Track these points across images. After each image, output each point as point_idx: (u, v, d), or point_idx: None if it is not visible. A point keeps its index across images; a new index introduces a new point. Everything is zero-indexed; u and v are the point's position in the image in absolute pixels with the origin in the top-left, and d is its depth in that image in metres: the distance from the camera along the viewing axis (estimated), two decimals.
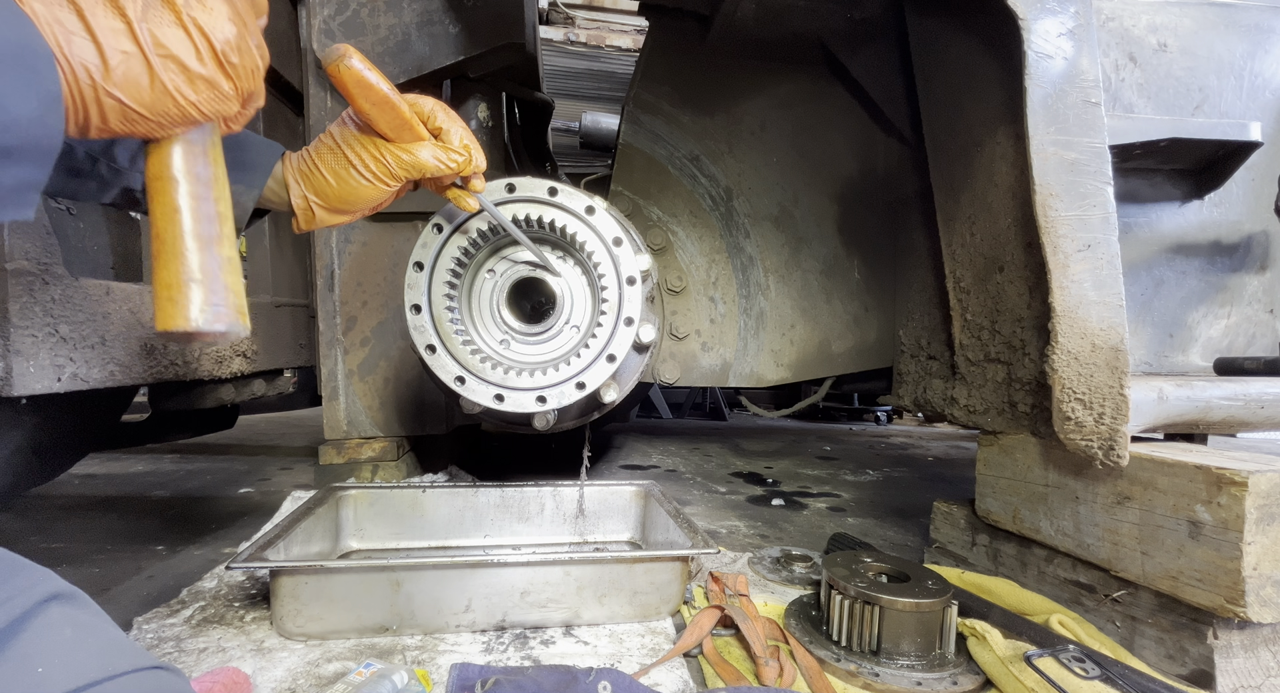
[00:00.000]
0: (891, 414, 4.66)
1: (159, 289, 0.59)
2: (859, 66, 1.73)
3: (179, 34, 0.53)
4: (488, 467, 2.49)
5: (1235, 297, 1.42)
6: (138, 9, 0.51)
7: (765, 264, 1.99)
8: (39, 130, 0.47)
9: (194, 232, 0.60)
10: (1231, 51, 1.36)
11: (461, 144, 0.90)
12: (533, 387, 1.16)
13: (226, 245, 0.63)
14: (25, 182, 0.48)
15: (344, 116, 0.86)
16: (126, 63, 0.51)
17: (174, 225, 0.60)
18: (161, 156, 0.60)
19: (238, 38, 0.57)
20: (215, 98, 0.57)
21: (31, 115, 0.46)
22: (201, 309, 0.59)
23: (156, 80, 0.52)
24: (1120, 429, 1.04)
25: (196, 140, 0.61)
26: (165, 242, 0.59)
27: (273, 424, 3.56)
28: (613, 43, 4.20)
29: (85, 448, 1.52)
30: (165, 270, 0.59)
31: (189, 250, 0.60)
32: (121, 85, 0.51)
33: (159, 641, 1.06)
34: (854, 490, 2.39)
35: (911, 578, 1.10)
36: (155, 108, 0.53)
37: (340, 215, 0.88)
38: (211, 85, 0.56)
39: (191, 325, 0.59)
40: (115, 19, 0.50)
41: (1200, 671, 0.95)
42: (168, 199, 0.60)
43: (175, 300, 0.59)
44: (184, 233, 0.60)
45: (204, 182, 0.61)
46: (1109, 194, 1.09)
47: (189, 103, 0.55)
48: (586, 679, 0.90)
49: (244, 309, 0.64)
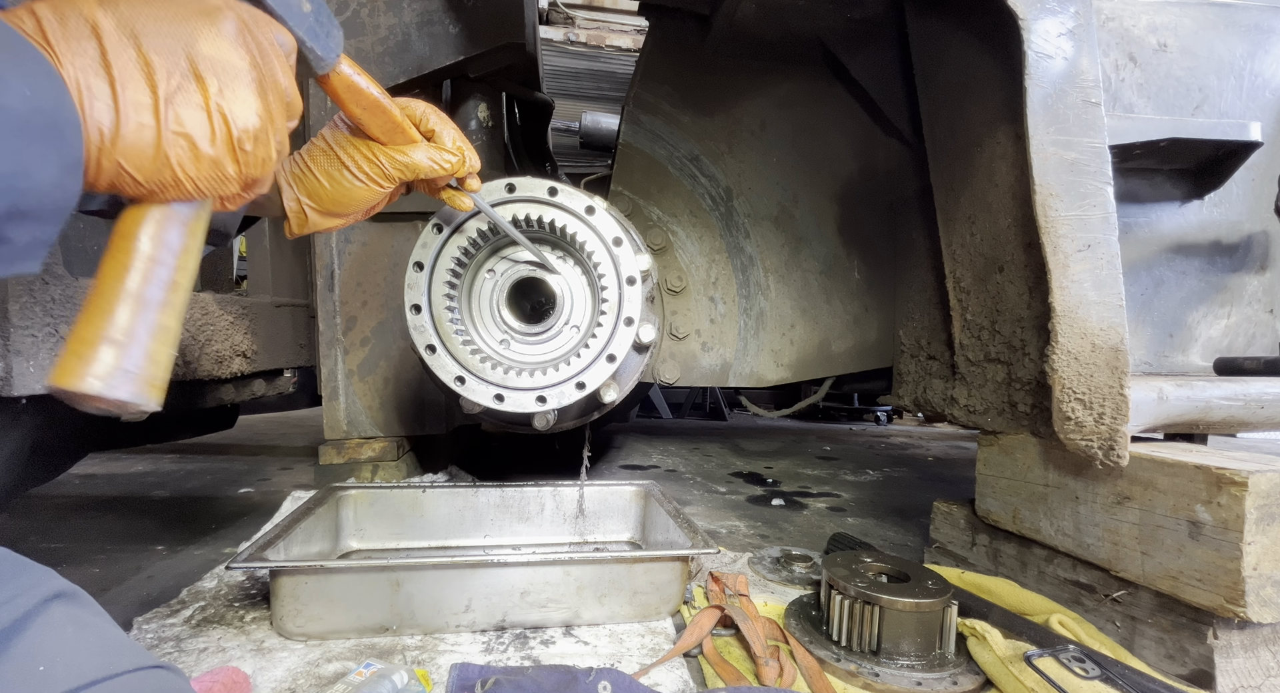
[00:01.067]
0: (891, 414, 4.66)
1: (70, 342, 0.55)
2: (859, 66, 1.73)
3: (200, 116, 0.54)
4: (488, 467, 2.49)
5: (1235, 297, 1.42)
6: (169, 87, 0.52)
7: (765, 264, 1.99)
8: (58, 193, 0.48)
9: (136, 293, 0.56)
10: (1231, 51, 1.36)
11: (455, 145, 0.90)
12: (533, 387, 1.17)
13: (168, 315, 0.58)
14: (38, 239, 0.49)
15: (335, 119, 0.85)
16: (139, 132, 0.51)
17: (115, 282, 0.56)
18: (135, 215, 0.57)
19: (258, 130, 0.57)
20: (216, 178, 0.57)
21: (53, 180, 0.47)
22: (104, 373, 0.54)
23: (161, 152, 0.53)
24: (1120, 429, 1.04)
25: (180, 210, 0.58)
26: (99, 295, 0.56)
27: (273, 424, 3.56)
28: (613, 43, 4.20)
29: (85, 448, 1.52)
30: (85, 324, 0.55)
31: (119, 310, 0.55)
32: (125, 151, 0.51)
33: (159, 641, 1.06)
34: (854, 490, 2.39)
35: (911, 578, 1.10)
36: (152, 177, 0.53)
37: (333, 219, 0.88)
38: (216, 166, 0.56)
39: (82, 387, 0.53)
40: (145, 94, 0.51)
41: (1200, 671, 0.95)
42: (121, 257, 0.56)
43: (80, 356, 0.54)
44: (122, 292, 0.55)
45: (170, 249, 0.58)
46: (1109, 194, 1.09)
47: (187, 177, 0.55)
48: (586, 679, 0.90)
49: (159, 384, 0.58)
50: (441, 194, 0.99)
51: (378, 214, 0.98)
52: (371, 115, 0.81)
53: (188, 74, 0.54)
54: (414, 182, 0.93)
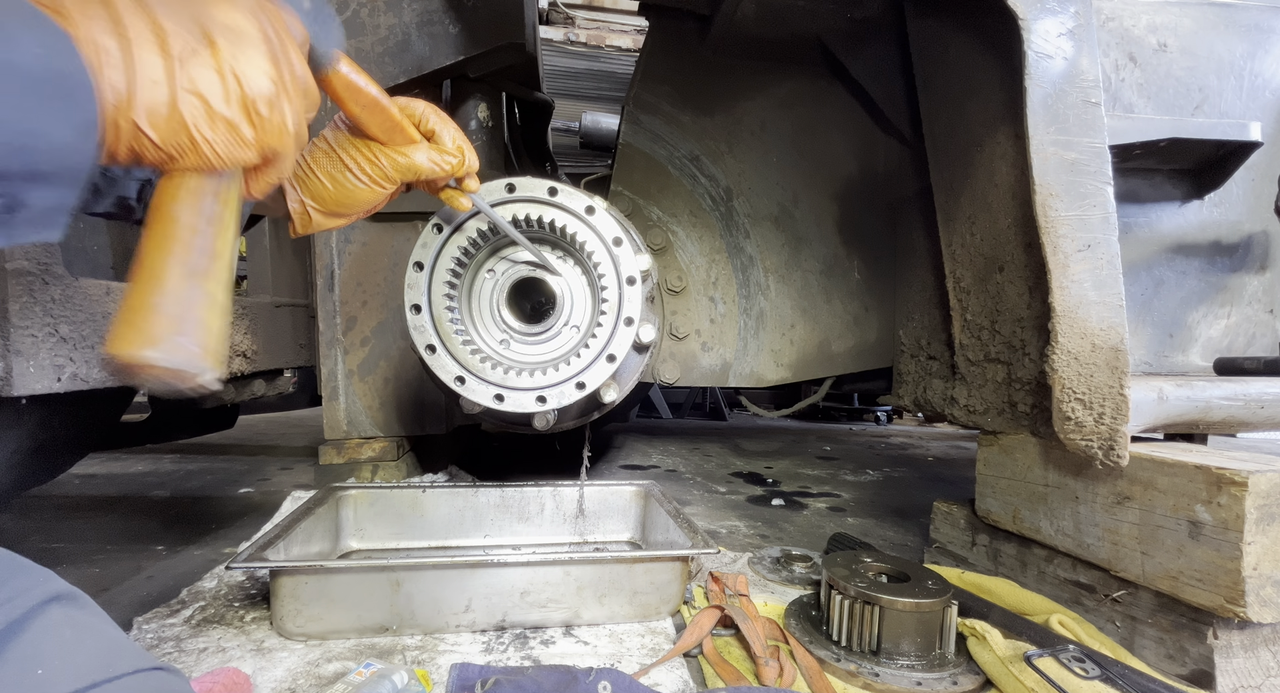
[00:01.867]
0: (891, 414, 4.66)
1: (121, 312, 0.55)
2: (859, 67, 1.73)
3: (213, 77, 0.54)
4: (488, 467, 2.49)
5: (1235, 297, 1.42)
6: (182, 49, 0.52)
7: (765, 264, 1.99)
8: (75, 157, 0.48)
9: (181, 260, 0.56)
10: (1231, 51, 1.36)
11: (455, 145, 0.90)
12: (533, 387, 1.16)
13: (215, 283, 0.58)
14: (57, 204, 0.49)
15: (336, 120, 0.86)
16: (152, 91, 0.51)
17: (159, 252, 0.56)
18: (167, 190, 0.57)
19: (272, 95, 0.58)
20: (232, 142, 0.56)
21: (67, 142, 0.47)
22: (159, 339, 0.53)
23: (175, 111, 0.52)
24: (1120, 429, 1.04)
25: (210, 182, 0.58)
26: (145, 267, 0.55)
27: (273, 424, 3.56)
28: (613, 43, 4.20)
29: (85, 448, 1.52)
30: (134, 294, 0.55)
31: (168, 277, 0.55)
32: (140, 111, 0.51)
33: (159, 641, 1.06)
34: (854, 490, 2.39)
35: (911, 578, 1.10)
36: (168, 138, 0.53)
37: (336, 219, 0.89)
38: (231, 128, 0.56)
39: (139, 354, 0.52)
40: (156, 54, 0.51)
41: (1200, 671, 0.95)
42: (162, 228, 0.56)
43: (134, 324, 0.53)
44: (170, 261, 0.56)
45: (207, 218, 0.58)
46: (1109, 194, 1.09)
47: (204, 139, 0.54)
48: (586, 679, 0.90)
49: (216, 352, 0.58)
50: (441, 194, 1.00)
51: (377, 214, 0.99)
52: (371, 115, 0.82)
53: (200, 38, 0.54)
54: (414, 181, 0.93)
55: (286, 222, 0.88)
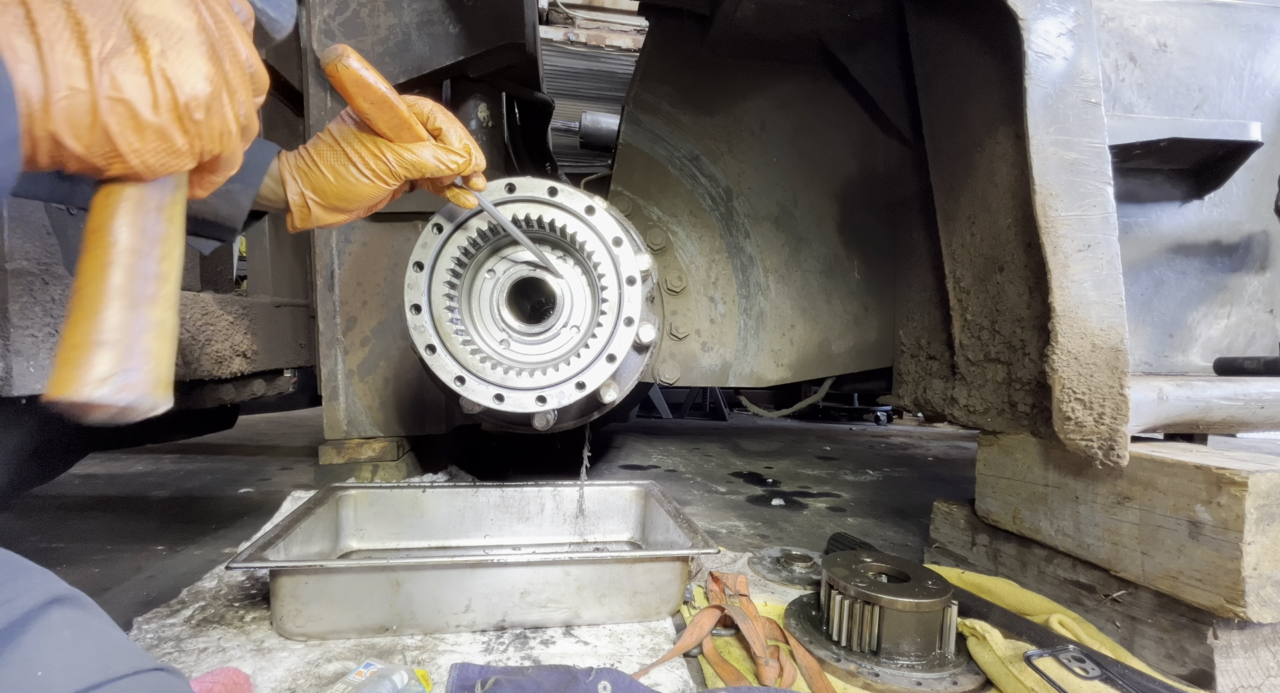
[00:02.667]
0: (891, 414, 4.66)
1: (61, 349, 0.50)
2: (859, 66, 1.73)
3: (140, 80, 0.48)
4: (488, 467, 2.49)
5: (1235, 297, 1.42)
6: (104, 49, 0.47)
7: (765, 264, 1.99)
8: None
9: (122, 289, 0.52)
10: (1231, 51, 1.36)
11: (462, 145, 0.91)
12: (533, 387, 1.16)
13: (161, 308, 0.54)
14: None
15: (343, 115, 0.86)
16: (70, 99, 0.46)
17: (98, 281, 0.51)
18: (104, 205, 0.52)
19: (209, 97, 0.52)
20: (163, 150, 0.51)
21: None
22: (104, 378, 0.50)
23: (98, 121, 0.47)
24: (1120, 429, 1.04)
25: (152, 193, 0.54)
26: (84, 297, 0.51)
27: (273, 424, 3.56)
28: (613, 43, 4.20)
29: (85, 448, 1.52)
30: (74, 330, 0.51)
31: (108, 309, 0.51)
32: (58, 120, 0.46)
33: (159, 641, 1.06)
34: (854, 490, 2.39)
35: (911, 578, 1.10)
36: (92, 150, 0.48)
37: (337, 214, 0.88)
38: (162, 136, 0.51)
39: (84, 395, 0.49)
40: (75, 56, 0.46)
41: (1200, 671, 0.95)
42: (98, 252, 0.52)
43: (76, 362, 0.50)
44: (107, 290, 0.51)
45: (150, 237, 0.54)
46: (1109, 194, 1.09)
47: (131, 150, 0.49)
48: (586, 679, 0.90)
49: (164, 380, 0.54)
50: (446, 192, 1.00)
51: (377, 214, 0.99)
52: (379, 110, 0.82)
53: (126, 35, 0.48)
54: (419, 180, 0.93)
55: (285, 214, 0.87)
